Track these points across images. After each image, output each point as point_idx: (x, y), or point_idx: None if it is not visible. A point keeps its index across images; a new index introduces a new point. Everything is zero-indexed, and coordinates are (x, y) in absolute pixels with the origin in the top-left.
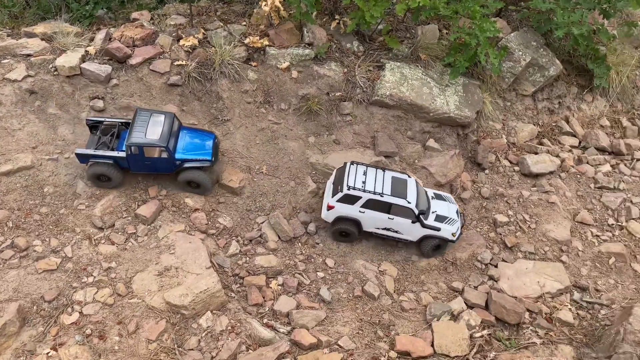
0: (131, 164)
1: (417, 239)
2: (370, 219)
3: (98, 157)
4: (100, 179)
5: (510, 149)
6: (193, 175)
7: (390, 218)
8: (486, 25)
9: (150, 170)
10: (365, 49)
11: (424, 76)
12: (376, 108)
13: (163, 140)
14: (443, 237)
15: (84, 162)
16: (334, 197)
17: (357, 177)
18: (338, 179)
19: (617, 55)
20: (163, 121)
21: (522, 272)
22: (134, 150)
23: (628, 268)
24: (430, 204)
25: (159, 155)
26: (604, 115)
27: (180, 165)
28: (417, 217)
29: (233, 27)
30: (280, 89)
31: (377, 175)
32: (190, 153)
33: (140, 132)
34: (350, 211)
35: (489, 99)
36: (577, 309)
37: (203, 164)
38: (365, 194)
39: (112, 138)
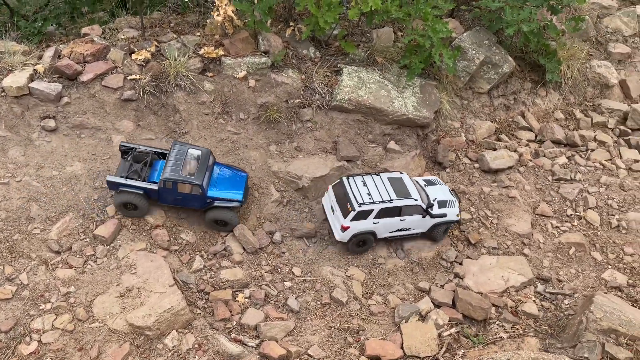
0: (161, 196)
1: (427, 229)
2: (384, 226)
3: (129, 186)
4: (127, 207)
5: (470, 147)
6: (222, 214)
7: (402, 219)
8: (438, 27)
9: (178, 204)
10: (322, 54)
11: (381, 79)
12: (336, 113)
13: (198, 178)
14: (450, 220)
15: (114, 190)
16: (347, 218)
17: (361, 191)
18: (341, 197)
19: (567, 49)
20: (199, 157)
21: (486, 268)
22: (167, 185)
23: (588, 257)
24: (427, 193)
25: (191, 191)
26: (558, 108)
27: (211, 203)
28: (426, 210)
29: (187, 38)
30: (238, 98)
31: (375, 182)
32: (221, 192)
33: (176, 167)
34: (365, 225)
35: (446, 98)
36: (541, 301)
37: (233, 204)
38: (376, 205)
39: (144, 167)
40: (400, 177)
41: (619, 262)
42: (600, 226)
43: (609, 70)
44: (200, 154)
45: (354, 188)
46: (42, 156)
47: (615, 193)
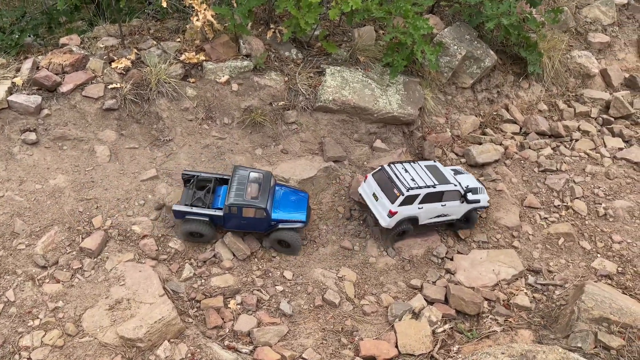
0: (227, 222)
1: (461, 215)
2: (426, 212)
3: (195, 214)
4: (193, 234)
5: (455, 142)
6: (285, 236)
7: (443, 205)
8: (419, 23)
9: (243, 229)
10: (304, 55)
11: (364, 78)
12: (321, 114)
13: (263, 202)
14: (483, 206)
15: (180, 218)
16: (395, 203)
17: (406, 177)
18: (386, 184)
19: (547, 41)
20: (261, 180)
21: (477, 262)
22: (232, 210)
23: (577, 246)
24: (458, 178)
25: (255, 215)
26: (541, 100)
27: (275, 226)
28: (464, 195)
29: (167, 44)
30: (221, 103)
31: (415, 169)
32: (285, 213)
33: (240, 192)
34: (411, 211)
35: (430, 94)
36: (532, 293)
37: (296, 225)
38: (422, 190)
39: (207, 193)
40: (435, 164)
41: (608, 250)
42: (587, 215)
43: (590, 60)
44: (261, 177)
45: (398, 174)
46: (24, 170)
47: (601, 182)
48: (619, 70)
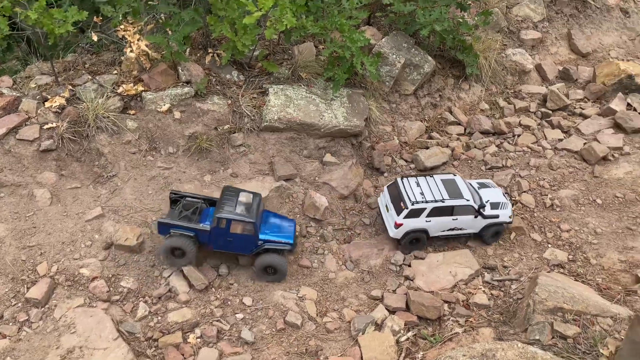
0: (213, 239)
1: (479, 230)
2: (436, 225)
3: (181, 227)
4: (174, 253)
5: (404, 148)
6: (272, 260)
7: (454, 219)
8: (356, 36)
9: (229, 249)
10: (245, 77)
11: (308, 94)
12: (268, 134)
13: (252, 217)
14: (503, 222)
15: (164, 233)
16: (400, 215)
17: (414, 190)
18: (395, 196)
19: (482, 42)
20: (251, 199)
21: (434, 266)
22: (221, 224)
23: (528, 239)
24: (480, 194)
25: (243, 231)
26: (482, 99)
27: (261, 246)
28: (478, 211)
29: (103, 78)
30: (164, 132)
31: (429, 183)
32: (272, 234)
33: (230, 207)
34: (418, 223)
35: (375, 104)
36: (490, 290)
37: (284, 247)
38: (428, 204)
39: (193, 214)
40: (453, 178)
41: (558, 239)
42: (535, 207)
43: (524, 56)
44: (251, 197)
45: (407, 188)
46: None
47: (545, 173)
48: (553, 64)
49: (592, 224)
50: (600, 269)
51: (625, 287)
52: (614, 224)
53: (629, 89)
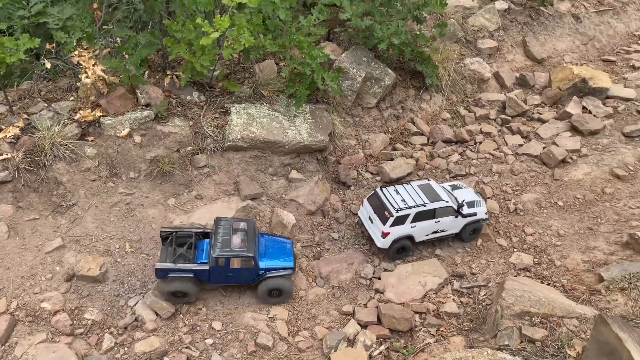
0: (212, 276)
1: (459, 229)
2: (420, 229)
3: (179, 271)
4: (177, 295)
5: (369, 161)
6: (276, 283)
7: (437, 221)
8: (315, 53)
9: (230, 282)
10: (207, 97)
11: (271, 112)
12: (232, 153)
13: (250, 251)
14: (481, 219)
15: (162, 278)
16: (387, 224)
17: (396, 198)
18: (378, 207)
19: (440, 53)
20: (245, 230)
21: (403, 277)
22: (219, 263)
23: (494, 245)
24: (454, 196)
25: (243, 265)
26: (443, 109)
27: (263, 275)
28: (457, 211)
29: (60, 105)
30: (125, 157)
31: (407, 190)
32: (272, 262)
33: (226, 243)
34: (403, 230)
35: (338, 118)
36: (459, 297)
37: (285, 273)
38: (412, 209)
39: (188, 249)
40: (428, 183)
41: (523, 243)
42: (500, 213)
43: (482, 65)
44: (245, 226)
45: (388, 197)
46: None
47: (507, 179)
48: (510, 71)
49: (555, 226)
50: (564, 270)
51: (589, 287)
52: (575, 225)
53: (583, 92)
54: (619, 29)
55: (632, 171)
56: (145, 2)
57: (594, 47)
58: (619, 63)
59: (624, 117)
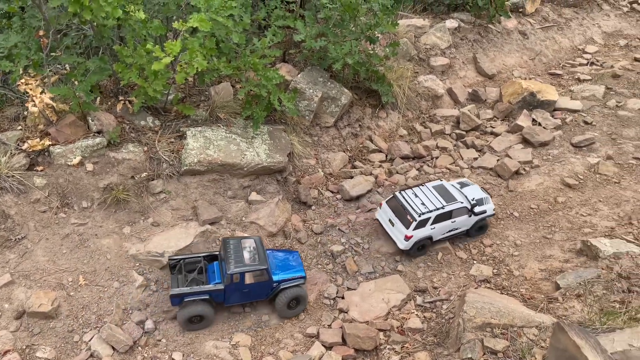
0: (228, 295)
1: (470, 226)
2: (439, 230)
3: (194, 294)
4: (193, 320)
5: (329, 180)
6: (293, 293)
7: (453, 221)
8: (270, 74)
9: (245, 300)
10: (161, 122)
11: (228, 134)
12: (189, 178)
13: (263, 263)
14: (490, 215)
15: (177, 304)
16: (410, 228)
17: (416, 202)
18: (399, 211)
19: (394, 71)
20: (253, 246)
21: (367, 295)
22: (235, 279)
23: (455, 258)
24: (464, 193)
25: (258, 280)
26: (400, 126)
27: (277, 288)
28: (471, 209)
29: (7, 134)
30: (77, 187)
31: (424, 192)
32: (284, 274)
33: (239, 259)
34: (425, 232)
35: (297, 139)
36: (422, 312)
37: (299, 282)
38: (432, 213)
39: (199, 274)
40: (441, 184)
41: (482, 255)
42: None
43: (435, 82)
44: (253, 242)
45: (409, 200)
46: None
47: None
48: (463, 87)
49: (512, 236)
50: (523, 280)
51: (547, 295)
52: (531, 235)
53: (532, 105)
54: (564, 43)
55: (582, 180)
56: (94, 28)
57: (541, 62)
58: (565, 76)
59: (572, 128)
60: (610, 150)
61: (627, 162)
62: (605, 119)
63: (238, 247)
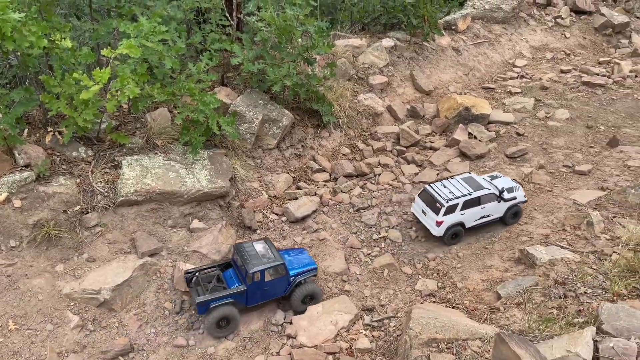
0: (250, 295)
1: (502, 213)
2: (469, 216)
3: (219, 298)
4: (220, 325)
5: (273, 202)
6: (308, 288)
7: (483, 207)
8: (207, 99)
9: (265, 299)
10: (95, 152)
11: (166, 162)
12: (126, 209)
13: (279, 259)
14: (521, 201)
15: (203, 312)
16: (440, 214)
17: (444, 191)
18: (430, 201)
19: (334, 91)
20: (266, 245)
21: (314, 318)
22: (256, 278)
23: (400, 273)
24: (494, 184)
25: (277, 276)
26: (342, 144)
27: (294, 282)
28: (500, 196)
29: None
30: (3, 225)
31: (452, 183)
32: (298, 267)
33: (256, 259)
34: (455, 218)
35: (239, 162)
36: (371, 332)
37: (314, 274)
38: (459, 199)
39: (217, 282)
40: (470, 176)
41: (427, 269)
42: (403, 241)
43: (375, 100)
44: (265, 243)
45: (438, 191)
46: None
47: (407, 207)
48: (401, 103)
49: (454, 248)
50: (466, 292)
51: (489, 306)
52: (472, 246)
53: (467, 119)
54: (495, 58)
55: None
56: (18, 58)
57: (474, 77)
58: (498, 90)
59: (506, 140)
60: (542, 160)
61: (557, 170)
62: (536, 130)
63: (252, 249)
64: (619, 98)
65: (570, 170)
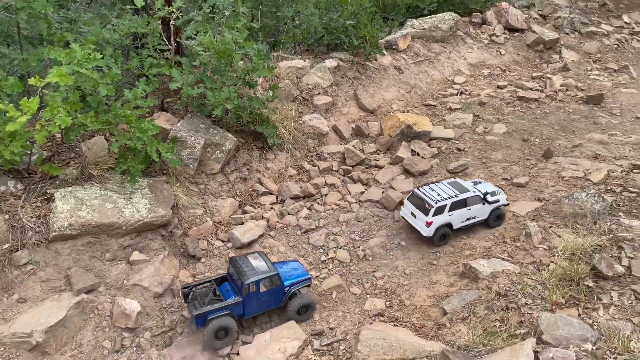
0: (246, 306)
1: (487, 215)
2: (456, 217)
3: (217, 310)
4: (219, 336)
5: (218, 229)
6: (304, 300)
7: (469, 209)
8: (145, 125)
9: (262, 309)
10: (25, 185)
11: (103, 192)
12: (60, 244)
13: (274, 270)
14: (504, 204)
15: (202, 324)
16: (429, 214)
17: (433, 193)
18: (419, 203)
19: (279, 112)
20: (260, 257)
21: (263, 347)
22: (251, 289)
23: (349, 294)
24: (478, 187)
25: (272, 286)
26: (289, 166)
27: (289, 292)
28: (484, 197)
29: None
30: None
31: (439, 187)
32: (292, 278)
33: (251, 271)
34: (444, 219)
35: (181, 189)
36: (320, 357)
37: (308, 284)
38: (447, 200)
39: (214, 295)
40: (455, 180)
41: (375, 288)
42: (351, 261)
43: (320, 120)
44: (258, 255)
45: (426, 193)
46: None
47: (354, 226)
48: (346, 123)
49: (401, 266)
50: (414, 309)
51: (436, 322)
52: (418, 262)
53: (410, 137)
54: (435, 76)
55: None
56: None
57: (416, 94)
58: (439, 106)
59: (447, 156)
60: (482, 174)
61: (497, 183)
62: (476, 145)
63: (247, 262)
64: (552, 111)
65: (508, 182)
